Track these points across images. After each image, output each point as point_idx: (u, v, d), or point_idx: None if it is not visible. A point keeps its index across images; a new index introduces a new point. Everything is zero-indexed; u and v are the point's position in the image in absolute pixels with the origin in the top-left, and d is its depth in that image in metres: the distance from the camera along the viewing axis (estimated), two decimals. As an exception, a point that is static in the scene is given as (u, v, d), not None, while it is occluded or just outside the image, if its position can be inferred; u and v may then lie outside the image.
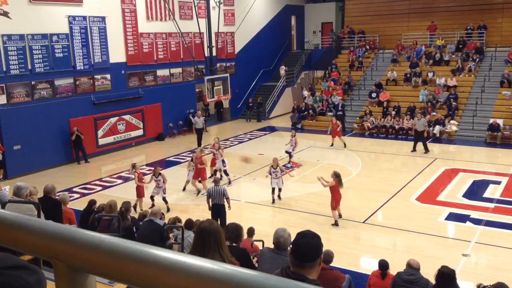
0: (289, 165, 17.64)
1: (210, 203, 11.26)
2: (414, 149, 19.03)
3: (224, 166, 15.40)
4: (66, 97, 18.52)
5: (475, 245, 10.63)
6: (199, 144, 21.15)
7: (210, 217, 10.68)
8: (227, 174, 15.46)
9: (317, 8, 32.79)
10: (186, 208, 13.46)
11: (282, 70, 29.33)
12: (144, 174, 14.59)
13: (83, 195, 14.64)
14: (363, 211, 12.78)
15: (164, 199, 13.07)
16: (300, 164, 17.82)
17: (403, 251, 10.22)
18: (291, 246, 2.61)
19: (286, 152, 17.89)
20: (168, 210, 12.85)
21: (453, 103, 22.60)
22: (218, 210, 11.16)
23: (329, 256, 6.25)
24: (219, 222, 10.76)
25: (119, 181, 16.29)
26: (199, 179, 14.53)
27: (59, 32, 18.04)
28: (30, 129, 17.14)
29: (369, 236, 11.51)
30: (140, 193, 13.18)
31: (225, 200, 11.18)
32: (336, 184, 11.73)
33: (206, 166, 14.77)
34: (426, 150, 18.82)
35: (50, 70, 17.85)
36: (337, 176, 11.85)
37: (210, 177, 14.78)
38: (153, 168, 14.10)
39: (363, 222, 12.14)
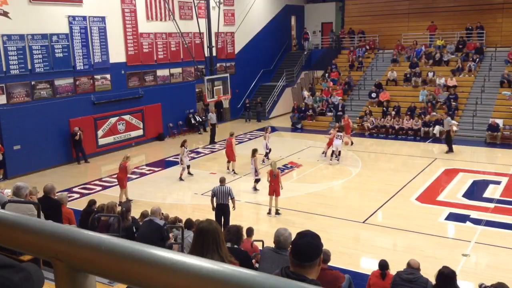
0: (288, 165, 17.66)
1: (214, 203, 11.23)
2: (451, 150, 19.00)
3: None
4: (66, 97, 18.52)
5: (475, 245, 10.63)
6: (213, 139, 21.39)
7: (210, 217, 10.67)
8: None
9: (317, 8, 32.79)
10: (186, 208, 13.46)
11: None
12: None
13: (83, 195, 14.64)
14: (363, 211, 12.78)
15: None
16: (300, 164, 17.82)
17: (403, 251, 10.22)
18: (291, 246, 2.61)
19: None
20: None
21: (453, 103, 22.60)
22: (222, 209, 11.12)
23: (326, 255, 6.23)
24: (223, 222, 10.76)
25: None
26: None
27: (59, 32, 18.03)
28: (30, 129, 17.13)
29: (369, 236, 11.51)
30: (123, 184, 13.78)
31: (230, 200, 11.17)
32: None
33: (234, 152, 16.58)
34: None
35: (50, 70, 17.85)
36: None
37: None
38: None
39: (363, 222, 12.14)
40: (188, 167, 16.35)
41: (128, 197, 13.60)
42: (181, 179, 16.14)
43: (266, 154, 17.93)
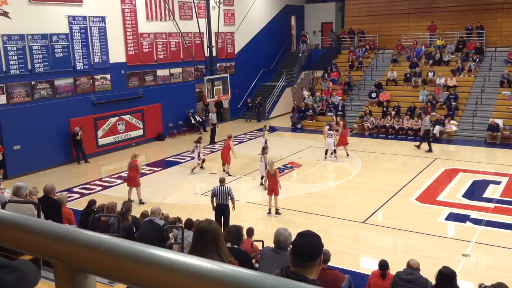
0: (288, 165, 17.66)
1: (214, 203, 11.24)
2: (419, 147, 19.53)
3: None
4: (66, 97, 18.52)
5: (475, 245, 10.63)
6: (213, 139, 21.34)
7: (210, 217, 10.67)
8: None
9: (317, 8, 32.79)
10: (186, 208, 13.46)
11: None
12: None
13: (83, 195, 14.64)
14: (363, 211, 12.78)
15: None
16: (300, 164, 17.82)
17: (403, 251, 10.23)
18: (291, 246, 2.61)
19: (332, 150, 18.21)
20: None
21: (453, 103, 22.60)
22: (222, 209, 11.13)
23: (326, 256, 6.23)
24: (222, 222, 10.76)
25: (119, 181, 16.28)
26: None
27: (59, 32, 18.03)
28: (30, 129, 17.13)
29: (369, 236, 11.51)
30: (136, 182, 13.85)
31: (229, 200, 11.17)
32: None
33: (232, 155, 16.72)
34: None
35: (50, 70, 17.85)
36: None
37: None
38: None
39: (363, 222, 12.13)
40: (203, 161, 17.21)
41: (130, 198, 13.57)
42: (198, 169, 16.98)
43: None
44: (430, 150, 19.05)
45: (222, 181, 11.42)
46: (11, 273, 0.98)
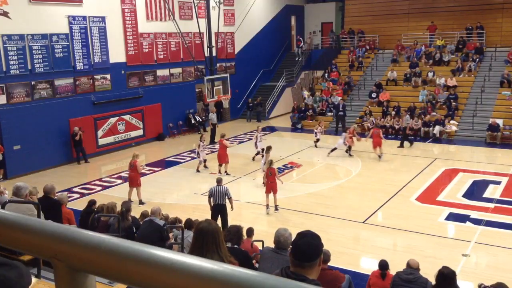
0: (288, 165, 17.66)
1: (211, 203, 11.23)
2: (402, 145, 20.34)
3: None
4: (66, 97, 18.52)
5: (475, 245, 10.63)
6: (213, 139, 21.34)
7: (210, 217, 10.65)
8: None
9: (317, 8, 32.79)
10: (186, 208, 13.46)
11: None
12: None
13: (83, 195, 14.64)
14: (363, 211, 12.78)
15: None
16: (300, 164, 17.82)
17: (403, 251, 10.22)
18: (291, 246, 2.61)
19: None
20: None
21: (453, 103, 22.60)
22: (219, 210, 11.13)
23: (326, 256, 6.22)
24: (220, 222, 10.75)
25: (119, 181, 16.29)
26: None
27: (59, 32, 18.03)
28: (30, 129, 17.13)
29: (369, 236, 11.51)
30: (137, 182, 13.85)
31: (227, 200, 11.16)
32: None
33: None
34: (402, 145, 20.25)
35: (50, 70, 17.85)
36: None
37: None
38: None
39: (363, 222, 12.13)
40: (205, 160, 17.11)
41: (130, 198, 13.56)
42: (198, 171, 16.96)
43: (258, 153, 18.01)
44: (401, 145, 20.00)
45: (219, 181, 11.43)
46: (11, 270, 0.99)
